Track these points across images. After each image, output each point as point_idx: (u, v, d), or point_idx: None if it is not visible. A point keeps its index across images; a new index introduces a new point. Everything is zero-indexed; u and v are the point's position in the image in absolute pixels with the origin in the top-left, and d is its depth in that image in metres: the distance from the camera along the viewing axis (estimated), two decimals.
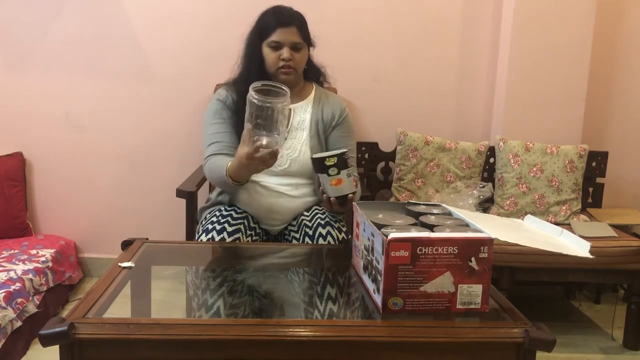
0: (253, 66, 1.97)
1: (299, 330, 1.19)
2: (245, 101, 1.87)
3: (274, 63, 1.93)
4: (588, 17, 2.68)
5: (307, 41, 1.99)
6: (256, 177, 1.92)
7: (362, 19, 2.82)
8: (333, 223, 1.87)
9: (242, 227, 1.87)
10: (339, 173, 1.67)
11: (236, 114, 1.94)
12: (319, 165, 1.69)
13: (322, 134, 2.02)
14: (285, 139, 1.83)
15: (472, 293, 1.24)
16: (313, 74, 2.11)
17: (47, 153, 2.88)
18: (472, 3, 2.81)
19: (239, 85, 1.98)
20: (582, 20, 2.68)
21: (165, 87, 2.84)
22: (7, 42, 2.80)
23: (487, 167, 2.76)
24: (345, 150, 1.74)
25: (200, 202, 2.24)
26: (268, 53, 1.94)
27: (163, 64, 2.82)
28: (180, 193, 2.28)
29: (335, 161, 1.66)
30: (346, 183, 1.68)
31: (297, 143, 1.97)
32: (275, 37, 1.92)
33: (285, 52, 1.91)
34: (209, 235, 1.83)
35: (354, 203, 1.56)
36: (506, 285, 2.29)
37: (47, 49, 2.79)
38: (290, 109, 1.63)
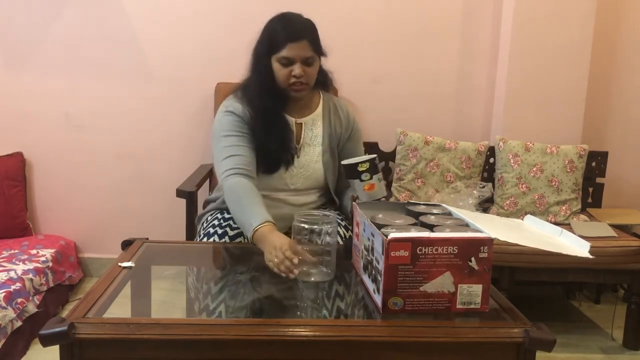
0: (264, 81, 1.85)
1: (299, 330, 1.20)
2: (259, 115, 1.83)
3: (285, 79, 1.81)
4: (588, 17, 2.68)
5: (319, 52, 1.87)
6: (264, 192, 1.84)
7: (363, 20, 2.81)
8: (340, 222, 1.86)
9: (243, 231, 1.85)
10: (371, 178, 1.66)
11: (252, 130, 1.84)
12: (352, 172, 1.67)
13: (335, 147, 1.96)
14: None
15: (472, 293, 1.24)
16: (321, 81, 2.00)
17: (47, 153, 2.88)
18: (472, 3, 2.81)
19: (251, 100, 1.87)
20: (582, 20, 2.68)
21: (166, 87, 2.83)
22: (7, 42, 2.80)
23: (487, 167, 2.76)
24: (375, 155, 1.70)
25: (200, 203, 2.24)
26: (278, 69, 1.81)
27: (163, 64, 2.82)
28: (180, 193, 2.28)
29: (368, 166, 1.65)
30: (378, 187, 1.67)
31: (310, 160, 1.91)
32: (285, 52, 1.78)
33: (297, 69, 1.79)
34: (211, 239, 1.81)
35: (353, 203, 1.56)
36: (506, 285, 2.29)
37: (47, 49, 2.79)
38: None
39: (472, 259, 1.23)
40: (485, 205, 2.61)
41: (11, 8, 2.76)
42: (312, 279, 1.46)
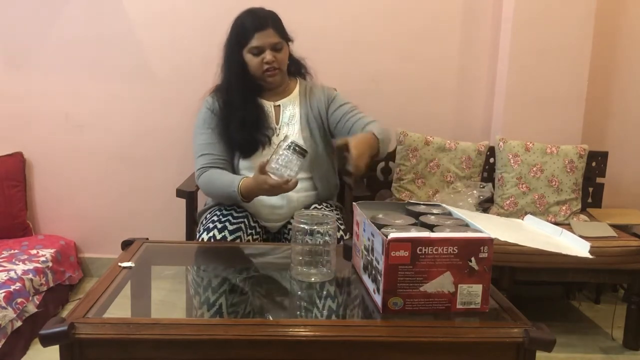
0: (233, 74, 2.01)
1: (299, 330, 1.20)
2: (228, 109, 1.98)
3: (259, 67, 1.97)
4: (588, 17, 2.68)
5: (286, 38, 2.01)
6: (249, 175, 1.93)
7: (362, 20, 2.81)
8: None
9: (242, 225, 1.88)
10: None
11: (222, 121, 1.99)
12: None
13: (314, 124, 2.05)
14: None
15: (472, 293, 1.24)
16: (295, 68, 2.14)
17: (47, 153, 2.88)
18: (472, 3, 2.81)
19: (222, 94, 2.03)
20: (582, 20, 2.68)
21: (166, 87, 2.83)
22: (7, 42, 2.79)
23: (487, 167, 2.76)
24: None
25: (200, 203, 2.24)
26: (250, 59, 1.97)
27: (163, 63, 2.82)
28: (180, 193, 2.29)
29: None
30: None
31: (289, 138, 1.97)
32: (254, 42, 1.95)
33: (267, 55, 1.95)
34: (210, 234, 1.83)
35: (353, 203, 1.56)
36: (506, 285, 2.28)
37: (47, 49, 2.79)
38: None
39: (472, 259, 1.23)
40: (485, 205, 2.62)
41: (11, 8, 2.75)
42: (312, 279, 1.46)
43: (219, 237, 1.83)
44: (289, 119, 2.04)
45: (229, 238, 1.84)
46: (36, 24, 2.77)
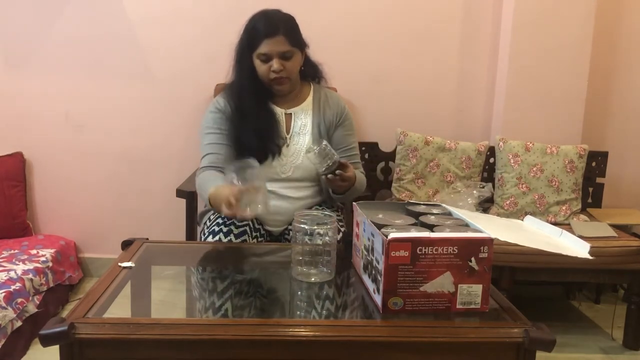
0: (245, 77, 1.93)
1: (299, 330, 1.20)
2: (239, 111, 1.92)
3: (266, 75, 1.89)
4: (588, 17, 2.68)
5: (298, 45, 1.92)
6: None
7: (362, 19, 2.81)
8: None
9: (247, 229, 1.87)
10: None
11: (233, 125, 1.93)
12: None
13: (325, 135, 2.00)
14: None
15: (472, 293, 1.24)
16: (310, 73, 2.07)
17: (47, 153, 2.88)
18: (472, 3, 2.81)
19: (233, 96, 1.96)
20: (582, 20, 2.68)
21: (166, 87, 2.83)
22: (7, 42, 2.79)
23: (487, 167, 2.76)
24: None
25: (200, 203, 2.24)
26: (259, 65, 1.90)
27: (163, 63, 2.82)
28: (180, 193, 2.29)
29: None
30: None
31: (300, 149, 1.96)
32: (263, 49, 1.86)
33: (275, 64, 1.86)
34: (216, 237, 1.82)
35: (353, 203, 1.56)
36: (506, 285, 2.29)
37: (47, 49, 2.79)
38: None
39: (472, 259, 1.23)
40: (485, 205, 2.62)
41: (11, 8, 2.75)
42: (312, 279, 1.46)
43: (224, 241, 1.82)
44: (300, 129, 1.98)
45: (235, 242, 1.83)
46: (36, 24, 2.77)
